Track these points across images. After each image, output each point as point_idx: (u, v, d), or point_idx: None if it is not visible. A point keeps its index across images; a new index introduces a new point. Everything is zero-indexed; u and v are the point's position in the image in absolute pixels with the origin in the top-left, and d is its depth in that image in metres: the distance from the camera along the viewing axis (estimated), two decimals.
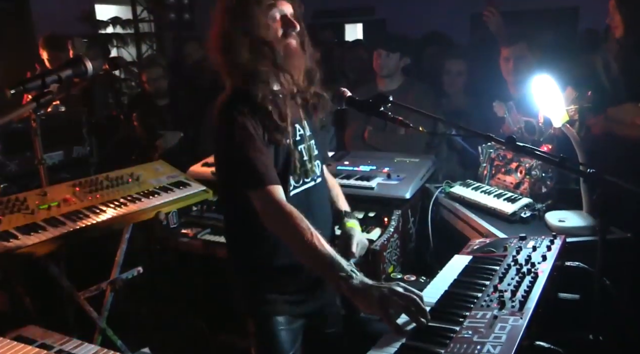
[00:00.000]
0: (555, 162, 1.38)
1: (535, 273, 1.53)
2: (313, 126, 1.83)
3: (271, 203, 1.55)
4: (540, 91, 2.11)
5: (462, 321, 1.35)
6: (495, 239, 2.00)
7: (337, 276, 1.41)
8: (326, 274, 1.48)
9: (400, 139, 3.21)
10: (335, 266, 1.43)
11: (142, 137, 3.88)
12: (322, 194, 1.86)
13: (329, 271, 1.44)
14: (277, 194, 1.56)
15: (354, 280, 1.39)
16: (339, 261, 1.44)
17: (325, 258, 1.45)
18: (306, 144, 1.76)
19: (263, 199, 1.56)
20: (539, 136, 2.44)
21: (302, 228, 1.49)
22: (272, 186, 1.56)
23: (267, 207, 1.56)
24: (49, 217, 2.23)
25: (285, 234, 1.55)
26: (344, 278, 1.40)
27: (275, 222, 1.57)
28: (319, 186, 1.82)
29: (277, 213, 1.54)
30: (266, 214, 1.57)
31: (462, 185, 2.68)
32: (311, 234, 1.48)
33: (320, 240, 1.48)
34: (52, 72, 1.28)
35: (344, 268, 1.42)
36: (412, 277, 2.21)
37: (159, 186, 2.68)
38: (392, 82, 3.32)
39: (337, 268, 1.42)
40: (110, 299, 2.61)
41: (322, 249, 1.46)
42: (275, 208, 1.55)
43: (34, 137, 2.29)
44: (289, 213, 1.52)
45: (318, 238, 1.48)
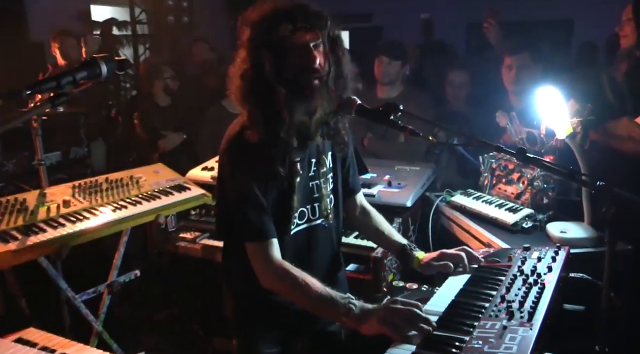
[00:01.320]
0: (564, 174, 1.39)
1: (542, 284, 1.53)
2: (335, 158, 1.79)
3: (263, 261, 1.57)
4: (544, 102, 2.13)
5: (472, 331, 1.35)
6: (499, 249, 2.00)
7: (337, 314, 1.46)
8: (327, 316, 1.52)
9: (400, 147, 3.22)
10: (333, 306, 1.47)
11: (142, 138, 3.85)
12: (331, 231, 1.80)
13: (329, 313, 1.49)
14: (270, 251, 1.57)
15: (353, 312, 1.44)
16: (335, 299, 1.47)
17: (322, 303, 1.49)
18: (320, 181, 1.72)
19: (256, 255, 1.58)
20: (541, 147, 2.46)
21: (295, 285, 1.52)
22: (266, 242, 1.57)
23: (259, 264, 1.58)
24: (48, 218, 2.20)
25: (278, 290, 1.58)
26: (344, 313, 1.44)
27: (266, 280, 1.58)
28: (328, 223, 1.77)
29: (269, 272, 1.57)
30: (258, 270, 1.58)
31: (463, 194, 2.69)
32: (304, 286, 1.50)
33: (313, 287, 1.50)
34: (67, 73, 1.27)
35: (341, 304, 1.46)
36: (414, 285, 2.20)
37: (158, 189, 2.65)
38: (393, 90, 3.34)
39: (335, 307, 1.46)
40: (107, 302, 2.58)
41: (317, 296, 1.49)
42: (267, 267, 1.56)
43: (35, 137, 2.26)
44: (281, 272, 1.54)
45: (311, 286, 1.50)
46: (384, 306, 1.42)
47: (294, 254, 1.69)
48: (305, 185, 1.69)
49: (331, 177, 1.78)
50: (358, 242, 2.54)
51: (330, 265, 1.84)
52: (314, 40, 1.54)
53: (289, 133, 1.56)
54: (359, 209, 1.98)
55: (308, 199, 1.71)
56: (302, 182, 1.68)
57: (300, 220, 1.70)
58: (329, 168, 1.77)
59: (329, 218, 1.76)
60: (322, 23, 1.55)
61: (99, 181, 2.57)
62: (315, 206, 1.73)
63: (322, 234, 1.77)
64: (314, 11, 1.54)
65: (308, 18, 1.52)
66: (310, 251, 1.74)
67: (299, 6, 1.54)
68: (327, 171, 1.76)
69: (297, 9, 1.53)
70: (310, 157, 1.70)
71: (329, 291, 1.50)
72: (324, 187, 1.74)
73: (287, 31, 1.51)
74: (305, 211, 1.72)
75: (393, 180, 2.77)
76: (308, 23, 1.52)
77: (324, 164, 1.74)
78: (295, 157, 1.62)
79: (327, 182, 1.76)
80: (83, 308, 2.42)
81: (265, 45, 1.52)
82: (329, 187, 1.77)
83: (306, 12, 1.53)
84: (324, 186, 1.74)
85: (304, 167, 1.68)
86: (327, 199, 1.75)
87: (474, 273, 1.74)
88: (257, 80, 1.54)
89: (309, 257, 1.73)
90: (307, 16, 1.52)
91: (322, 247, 1.78)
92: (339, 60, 1.62)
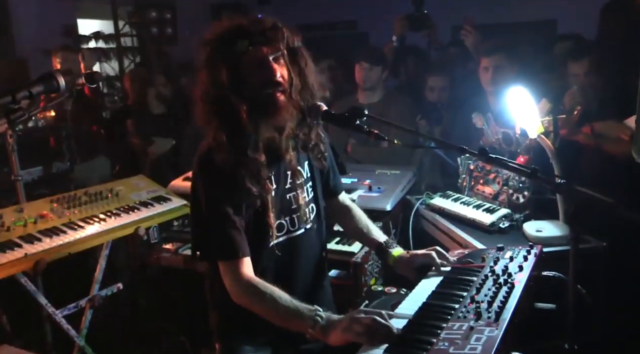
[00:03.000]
0: (527, 174, 1.40)
1: (512, 283, 1.54)
2: (313, 166, 1.80)
3: (234, 279, 1.58)
4: (515, 102, 2.15)
5: (439, 332, 1.35)
6: (474, 250, 2.01)
7: (304, 326, 1.47)
8: (295, 329, 1.51)
9: (383, 152, 3.24)
10: (300, 318, 1.48)
11: (135, 145, 3.87)
12: (312, 240, 1.81)
13: (297, 326, 1.49)
14: (241, 269, 1.57)
15: (319, 323, 1.45)
16: (302, 311, 1.49)
17: (289, 316, 1.50)
18: (297, 192, 1.72)
19: (227, 273, 1.59)
20: (516, 147, 2.47)
21: (263, 300, 1.53)
22: (237, 261, 1.57)
23: (229, 282, 1.59)
24: (24, 234, 2.20)
25: (248, 306, 1.58)
26: (310, 326, 1.46)
27: (236, 296, 1.59)
28: (309, 232, 1.78)
29: (239, 289, 1.58)
30: (229, 287, 1.59)
31: (442, 196, 2.70)
32: (272, 300, 1.52)
33: (280, 301, 1.51)
34: (22, 87, 1.27)
35: (307, 316, 1.47)
36: (392, 289, 2.20)
37: (139, 201, 2.66)
38: (374, 95, 3.36)
39: (302, 319, 1.47)
40: (89, 317, 2.57)
41: (284, 309, 1.51)
42: (237, 284, 1.57)
43: (10, 153, 2.26)
44: (250, 290, 1.56)
45: (278, 300, 1.52)
46: (348, 316, 1.43)
47: (276, 267, 1.70)
48: (282, 198, 1.70)
49: (310, 187, 1.79)
50: (339, 248, 2.54)
51: (315, 274, 1.84)
52: (273, 53, 1.54)
53: (257, 150, 1.57)
54: (341, 208, 2.01)
55: (286, 211, 1.71)
56: (279, 195, 1.68)
57: (279, 232, 1.70)
58: (307, 178, 1.78)
59: (309, 225, 1.77)
60: (279, 36, 1.55)
61: (78, 194, 2.57)
62: (294, 217, 1.73)
63: (303, 244, 1.77)
64: (270, 24, 1.55)
65: (264, 32, 1.53)
66: (292, 262, 1.74)
67: (253, 21, 1.54)
68: (305, 181, 1.76)
69: (252, 24, 1.53)
70: (285, 169, 1.70)
71: (296, 304, 1.51)
72: (302, 197, 1.74)
73: (244, 47, 1.51)
74: (284, 223, 1.72)
75: (373, 184, 2.79)
76: (264, 37, 1.53)
77: (300, 175, 1.74)
78: (267, 173, 1.62)
79: (306, 192, 1.76)
80: (64, 324, 2.41)
81: (223, 63, 1.52)
82: (307, 197, 1.77)
83: (261, 26, 1.54)
84: (301, 196, 1.74)
85: (279, 181, 1.68)
86: (305, 210, 1.75)
87: (446, 274, 1.75)
88: (218, 100, 1.54)
89: (291, 268, 1.74)
90: (263, 30, 1.53)
91: (304, 257, 1.78)
92: (302, 71, 1.62)
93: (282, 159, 1.68)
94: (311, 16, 7.52)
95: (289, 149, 1.67)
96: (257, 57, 1.53)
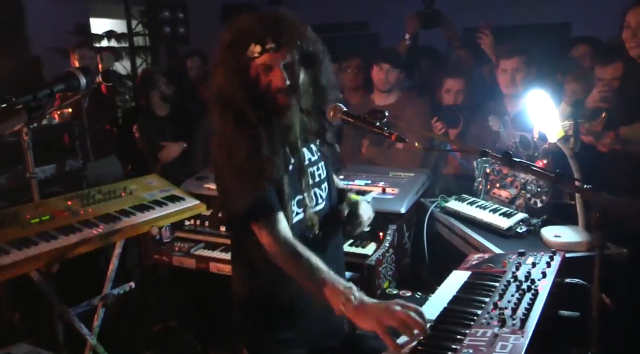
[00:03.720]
0: (551, 178, 1.38)
1: (536, 290, 1.52)
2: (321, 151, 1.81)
3: (272, 235, 1.57)
4: (535, 106, 2.12)
5: (463, 339, 1.33)
6: (494, 255, 1.99)
7: (336, 301, 1.44)
8: (325, 298, 1.49)
9: (397, 154, 3.21)
10: (335, 292, 1.45)
11: (144, 149, 3.84)
12: (328, 217, 1.81)
13: (329, 296, 1.47)
14: (277, 225, 1.57)
15: (352, 302, 1.42)
16: (337, 286, 1.46)
17: (324, 284, 1.47)
18: (312, 169, 1.74)
19: (264, 231, 1.58)
20: (534, 151, 2.44)
21: (300, 263, 1.52)
22: (272, 216, 1.57)
23: (267, 239, 1.57)
24: (40, 231, 2.19)
25: (284, 265, 1.57)
26: (343, 302, 1.43)
27: (275, 253, 1.57)
28: (325, 209, 1.79)
29: (277, 246, 1.56)
30: (267, 245, 1.58)
31: (457, 200, 2.67)
32: (309, 266, 1.51)
33: (318, 269, 1.50)
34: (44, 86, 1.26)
35: (342, 292, 1.44)
36: (407, 293, 2.19)
37: (152, 199, 2.64)
38: (389, 96, 3.33)
39: (337, 294, 1.45)
40: (101, 315, 2.56)
41: (320, 279, 1.48)
42: (276, 241, 1.56)
43: (26, 151, 2.25)
44: (289, 248, 1.55)
45: (315, 268, 1.50)
46: (384, 305, 1.39)
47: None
48: (299, 175, 1.70)
49: (322, 166, 1.80)
50: (353, 250, 2.53)
51: (332, 250, 1.83)
52: (283, 59, 1.55)
53: (272, 148, 1.59)
54: None
55: (303, 188, 1.71)
56: (295, 170, 1.69)
57: (298, 208, 1.70)
58: (318, 157, 1.79)
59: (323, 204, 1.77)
60: (293, 40, 1.55)
61: (92, 192, 2.55)
62: (312, 194, 1.74)
63: (321, 218, 1.76)
64: (286, 28, 1.55)
65: (278, 37, 1.53)
66: (312, 236, 1.72)
67: (270, 24, 1.54)
68: (317, 160, 1.78)
69: (266, 29, 1.53)
70: (298, 151, 1.71)
71: (332, 275, 1.49)
72: (317, 174, 1.76)
73: (255, 53, 1.53)
74: (302, 198, 1.72)
75: (387, 187, 2.76)
76: (277, 43, 1.53)
77: (313, 153, 1.77)
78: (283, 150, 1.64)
79: (321, 169, 1.78)
80: (77, 322, 2.40)
81: (235, 66, 1.54)
82: (322, 174, 1.79)
83: (276, 31, 1.53)
84: (317, 173, 1.76)
85: (293, 161, 1.69)
86: (322, 186, 1.78)
87: (467, 279, 1.73)
88: (228, 103, 1.57)
89: (312, 242, 1.70)
90: (277, 36, 1.53)
91: (323, 231, 1.77)
92: (315, 74, 1.63)
93: (293, 156, 1.69)
94: (322, 17, 7.49)
95: (299, 147, 1.70)
96: (267, 64, 1.55)
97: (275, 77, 1.55)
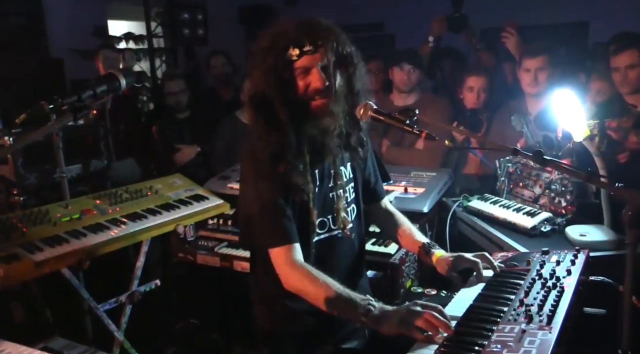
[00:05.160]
0: (583, 176, 1.39)
1: (561, 287, 1.52)
2: (355, 168, 1.83)
3: (286, 264, 1.60)
4: (561, 105, 2.12)
5: (490, 335, 1.34)
6: (517, 253, 1.99)
7: (356, 314, 1.48)
8: (348, 317, 1.53)
9: (418, 154, 3.22)
10: (353, 306, 1.49)
11: (161, 151, 3.90)
12: (352, 240, 1.83)
13: (349, 313, 1.51)
14: (293, 255, 1.60)
15: (373, 312, 1.46)
16: (355, 299, 1.50)
17: (341, 303, 1.51)
18: (339, 191, 1.76)
19: (279, 259, 1.62)
20: (557, 150, 2.44)
21: (316, 286, 1.55)
22: (289, 246, 1.61)
23: (282, 268, 1.61)
24: (71, 229, 2.24)
25: (300, 291, 1.60)
26: (363, 314, 1.46)
27: (289, 282, 1.61)
28: (350, 232, 1.80)
29: (291, 274, 1.60)
30: (281, 273, 1.62)
31: (479, 199, 2.68)
32: (325, 287, 1.53)
33: (333, 288, 1.53)
34: (88, 87, 1.31)
35: (360, 305, 1.48)
36: (432, 291, 2.20)
37: (177, 199, 2.69)
38: (409, 97, 3.35)
39: (355, 307, 1.48)
40: (128, 312, 2.62)
41: (337, 297, 1.52)
42: (290, 269, 1.60)
43: (57, 150, 2.31)
44: (303, 274, 1.58)
45: (331, 287, 1.53)
46: (405, 307, 1.43)
47: (316, 263, 1.71)
48: (325, 196, 1.74)
49: (352, 188, 1.82)
50: (375, 249, 2.54)
51: (352, 273, 1.86)
52: (321, 62, 1.57)
53: (300, 150, 1.62)
54: (384, 213, 2.03)
55: (328, 209, 1.75)
56: (322, 193, 1.72)
57: (321, 229, 1.73)
58: (349, 178, 1.81)
59: (345, 229, 1.79)
60: (330, 43, 1.57)
61: (120, 191, 2.61)
62: (336, 216, 1.76)
63: (343, 242, 1.79)
64: (323, 31, 1.57)
65: (316, 40, 1.55)
66: (332, 260, 1.77)
67: (307, 28, 1.57)
68: (347, 182, 1.80)
69: (305, 32, 1.56)
70: (328, 169, 1.74)
71: (349, 292, 1.53)
72: (344, 197, 1.77)
73: (294, 56, 1.55)
74: (326, 221, 1.75)
75: (409, 186, 2.78)
76: (315, 46, 1.55)
77: (342, 176, 1.78)
78: (311, 170, 1.67)
79: (348, 193, 1.79)
80: (105, 318, 2.46)
81: (273, 68, 1.56)
82: (349, 197, 1.80)
83: (314, 34, 1.56)
84: (344, 196, 1.77)
85: (322, 179, 1.72)
86: (346, 210, 1.78)
87: (490, 277, 1.74)
88: (263, 104, 1.60)
89: (331, 266, 1.75)
90: (315, 38, 1.55)
91: (344, 256, 1.81)
92: (349, 77, 1.65)
93: (326, 159, 1.72)
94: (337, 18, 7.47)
95: (333, 149, 1.71)
96: (305, 66, 1.57)
97: (313, 79, 1.57)
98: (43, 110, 1.23)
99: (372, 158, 1.94)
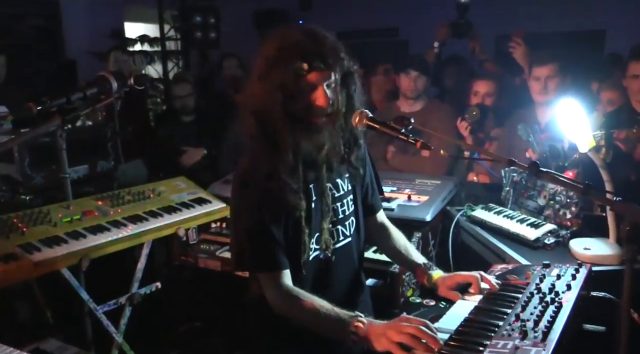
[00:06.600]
0: (579, 189, 1.35)
1: (560, 303, 1.48)
2: (353, 178, 1.79)
3: (274, 290, 1.59)
4: (566, 114, 2.08)
5: (482, 350, 1.31)
6: (518, 266, 1.95)
7: (345, 333, 1.46)
8: (337, 336, 1.51)
9: (423, 162, 3.19)
10: (341, 325, 1.47)
11: (167, 154, 3.92)
12: (351, 253, 1.81)
13: (339, 334, 1.48)
14: (281, 281, 1.59)
15: (362, 328, 1.44)
16: (342, 318, 1.48)
17: (330, 323, 1.50)
18: (337, 204, 1.73)
19: (267, 284, 1.61)
20: (564, 161, 2.40)
21: (304, 310, 1.54)
22: (277, 272, 1.59)
23: (270, 293, 1.60)
24: (71, 230, 2.25)
25: (289, 316, 1.59)
26: (352, 332, 1.45)
27: (277, 307, 1.61)
28: (348, 245, 1.78)
29: (279, 300, 1.59)
30: (269, 299, 1.61)
31: (484, 209, 2.64)
32: (313, 309, 1.52)
33: (321, 309, 1.52)
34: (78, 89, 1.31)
35: (348, 323, 1.46)
36: (431, 302, 2.16)
37: (179, 201, 2.69)
38: (416, 103, 3.32)
39: (343, 326, 1.46)
40: (127, 314, 2.62)
41: (325, 317, 1.50)
42: (278, 295, 1.59)
43: (60, 152, 2.32)
44: (291, 300, 1.57)
45: (318, 309, 1.52)
46: (393, 323, 1.41)
47: (314, 278, 1.70)
48: (322, 210, 1.69)
49: (351, 200, 1.79)
50: (376, 257, 2.51)
51: (352, 288, 1.84)
52: (327, 79, 1.53)
53: (295, 165, 1.58)
54: (378, 227, 1.98)
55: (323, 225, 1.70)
56: (319, 207, 1.68)
57: (317, 245, 1.70)
58: (347, 191, 1.77)
59: (348, 240, 1.77)
60: (338, 60, 1.53)
61: (122, 193, 2.62)
62: (334, 230, 1.73)
63: (342, 256, 1.76)
64: (331, 49, 1.52)
65: (325, 56, 1.50)
66: (330, 274, 1.74)
67: (316, 43, 1.51)
68: (345, 194, 1.76)
69: (313, 47, 1.50)
70: (325, 182, 1.70)
71: (337, 311, 1.51)
72: (342, 210, 1.75)
73: (302, 70, 1.49)
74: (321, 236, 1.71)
75: (413, 194, 2.74)
76: (325, 63, 1.50)
77: (340, 188, 1.75)
78: (307, 185, 1.64)
79: (346, 206, 1.76)
80: (104, 320, 2.46)
81: (277, 83, 1.50)
82: (347, 210, 1.77)
83: (322, 49, 1.50)
84: (341, 209, 1.74)
85: (319, 193, 1.68)
86: (346, 222, 1.76)
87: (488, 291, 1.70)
88: (265, 117, 1.55)
89: (330, 280, 1.74)
90: (325, 55, 1.50)
91: (343, 269, 1.78)
92: (351, 96, 1.62)
93: (322, 172, 1.68)
94: (352, 23, 7.52)
95: (329, 164, 1.68)
96: (313, 83, 1.51)
97: (318, 96, 1.52)
98: (30, 112, 1.22)
99: (371, 170, 1.90)
